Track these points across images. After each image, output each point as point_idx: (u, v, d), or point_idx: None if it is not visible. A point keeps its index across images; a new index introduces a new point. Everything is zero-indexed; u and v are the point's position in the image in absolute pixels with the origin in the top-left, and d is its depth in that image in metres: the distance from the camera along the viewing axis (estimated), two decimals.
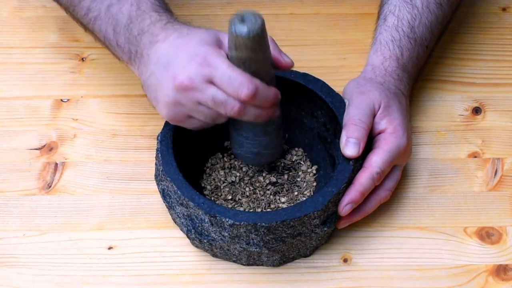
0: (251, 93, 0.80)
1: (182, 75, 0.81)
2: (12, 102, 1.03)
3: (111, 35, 0.90)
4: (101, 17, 0.91)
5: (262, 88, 0.81)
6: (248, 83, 0.80)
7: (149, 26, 0.86)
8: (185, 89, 0.81)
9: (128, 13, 0.88)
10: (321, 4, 1.13)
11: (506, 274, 0.89)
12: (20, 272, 0.89)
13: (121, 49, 0.89)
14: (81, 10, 0.93)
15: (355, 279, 0.89)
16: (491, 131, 1.01)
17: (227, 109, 0.81)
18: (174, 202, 0.86)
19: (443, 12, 0.98)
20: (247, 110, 0.82)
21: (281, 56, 0.85)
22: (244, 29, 0.77)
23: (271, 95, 0.83)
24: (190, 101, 0.82)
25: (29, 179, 0.96)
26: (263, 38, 0.79)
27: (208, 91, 0.81)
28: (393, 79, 0.93)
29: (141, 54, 0.86)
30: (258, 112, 0.83)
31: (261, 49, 0.80)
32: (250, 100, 0.81)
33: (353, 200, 0.85)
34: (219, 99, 0.81)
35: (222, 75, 0.80)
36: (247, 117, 0.83)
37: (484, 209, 0.94)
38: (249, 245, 0.84)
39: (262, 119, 0.84)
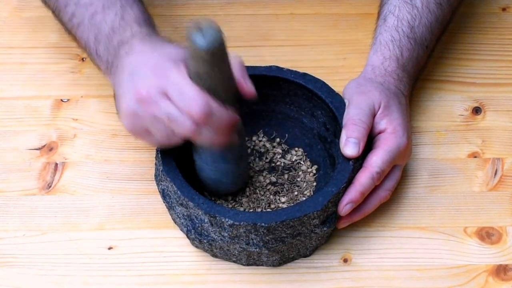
0: (202, 112, 0.77)
1: (141, 86, 0.80)
2: (12, 102, 1.03)
3: (92, 43, 0.90)
4: (84, 24, 0.90)
5: (216, 109, 0.78)
6: (201, 100, 0.77)
7: (129, 38, 0.86)
8: (142, 101, 0.80)
9: (111, 23, 0.88)
10: (321, 4, 1.13)
11: (506, 274, 0.89)
12: (20, 272, 0.89)
13: (100, 58, 0.89)
14: (66, 15, 0.93)
15: (355, 279, 0.89)
16: (491, 131, 1.01)
17: (180, 127, 0.79)
18: (174, 202, 0.86)
19: (443, 12, 0.98)
20: (200, 131, 0.79)
21: (245, 81, 0.81)
22: (202, 40, 0.74)
23: (227, 117, 0.79)
24: (147, 114, 0.80)
25: (29, 179, 0.96)
26: (221, 52, 0.76)
27: (163, 105, 0.79)
28: (393, 79, 0.93)
29: (116, 64, 0.86)
30: (213, 135, 0.80)
31: (218, 64, 0.77)
32: (202, 120, 0.77)
33: (353, 199, 0.85)
34: (173, 115, 0.78)
35: (175, 89, 0.78)
36: (200, 140, 0.80)
37: (484, 209, 0.94)
38: (249, 245, 0.84)
39: (218, 144, 0.81)
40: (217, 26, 0.74)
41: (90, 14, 0.90)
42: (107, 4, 0.89)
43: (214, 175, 0.87)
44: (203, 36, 0.74)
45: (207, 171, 0.87)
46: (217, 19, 1.09)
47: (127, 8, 0.89)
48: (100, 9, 0.89)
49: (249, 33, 1.09)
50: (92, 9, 0.90)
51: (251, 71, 0.92)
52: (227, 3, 1.12)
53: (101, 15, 0.89)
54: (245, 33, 1.09)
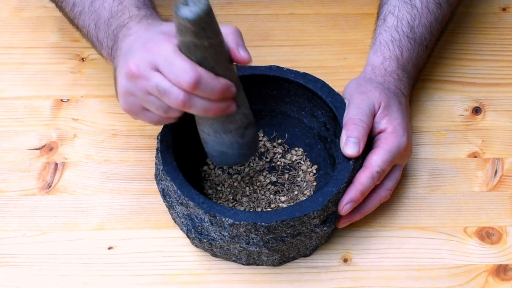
0: (192, 81, 0.75)
1: (131, 62, 0.78)
2: (12, 102, 1.03)
3: (93, 30, 0.90)
4: (85, 12, 0.90)
5: (207, 77, 0.76)
6: (190, 70, 0.75)
7: (126, 21, 0.86)
8: (133, 77, 0.79)
9: (110, 8, 0.88)
10: (321, 4, 1.13)
11: (506, 274, 0.89)
12: (20, 272, 0.89)
13: (101, 44, 0.89)
14: (68, 5, 0.93)
15: (355, 279, 0.89)
16: (491, 131, 1.01)
17: (171, 98, 0.77)
18: (174, 201, 0.86)
19: (442, 12, 0.98)
20: (192, 101, 0.77)
21: (238, 49, 0.79)
22: (186, 11, 0.73)
23: (219, 86, 0.77)
24: (140, 90, 0.79)
25: (29, 179, 0.96)
26: (207, 22, 0.74)
27: (153, 78, 0.77)
28: (393, 79, 0.93)
29: (116, 48, 0.86)
30: (206, 104, 0.78)
31: (206, 35, 0.75)
32: (192, 89, 0.76)
33: (353, 199, 0.85)
34: (163, 87, 0.77)
35: (164, 61, 0.76)
36: (194, 110, 0.78)
37: (484, 209, 0.94)
38: (249, 245, 0.84)
39: (214, 113, 0.79)
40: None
41: (90, 1, 0.90)
42: None
43: (219, 147, 0.86)
44: (189, 7, 0.73)
45: (211, 143, 0.86)
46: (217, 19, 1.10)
47: None
48: None
49: (249, 33, 1.09)
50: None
51: (251, 71, 0.92)
52: (227, 3, 1.12)
53: (100, 1, 0.89)
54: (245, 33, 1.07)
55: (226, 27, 0.79)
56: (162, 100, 0.78)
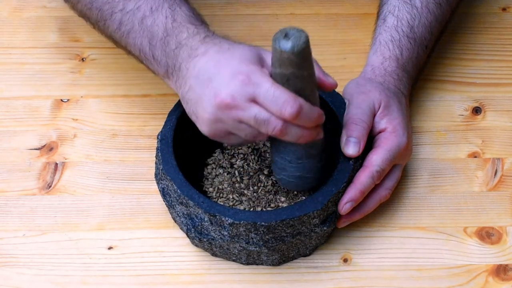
0: (295, 112, 0.78)
1: (224, 93, 0.79)
2: (12, 102, 1.03)
3: (147, 48, 0.87)
4: (135, 30, 0.88)
5: (306, 107, 0.79)
6: (292, 101, 0.78)
7: (187, 39, 0.84)
8: (226, 107, 0.80)
9: (164, 26, 0.86)
10: (321, 4, 1.13)
11: (506, 274, 0.89)
12: (20, 272, 0.89)
13: (158, 63, 0.87)
14: (113, 24, 0.90)
15: (355, 279, 0.89)
16: (491, 131, 1.01)
17: (269, 128, 0.79)
18: (174, 201, 0.86)
19: (442, 12, 0.98)
20: (289, 129, 0.80)
21: (325, 77, 0.83)
22: (289, 44, 0.75)
23: (315, 115, 0.80)
24: (231, 119, 0.81)
25: (29, 179, 0.96)
26: (307, 53, 0.77)
27: (251, 109, 0.79)
28: (393, 79, 0.93)
29: (179, 67, 0.84)
30: (301, 132, 0.81)
31: (306, 66, 0.78)
32: (294, 119, 0.78)
33: (353, 198, 0.85)
34: (262, 118, 0.79)
35: (265, 93, 0.78)
36: (289, 137, 0.81)
37: (484, 209, 0.94)
38: (249, 244, 0.84)
39: (305, 140, 0.82)
40: (301, 30, 0.76)
41: (139, 19, 0.87)
42: (154, 6, 0.87)
43: (298, 172, 0.87)
44: (289, 39, 0.75)
45: (290, 169, 0.87)
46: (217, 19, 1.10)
47: (176, 8, 0.87)
48: (149, 12, 0.87)
49: (249, 33, 1.09)
50: (140, 14, 0.87)
51: None
52: (227, 3, 1.12)
53: (151, 18, 0.87)
54: (245, 33, 1.09)
55: None
56: (259, 129, 0.80)
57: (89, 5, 0.92)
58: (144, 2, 0.87)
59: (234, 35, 1.08)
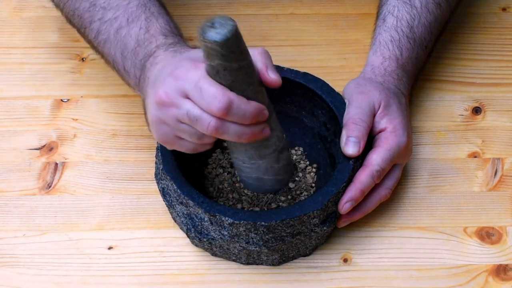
0: (222, 107, 0.73)
1: (160, 90, 0.77)
2: (12, 102, 1.03)
3: (119, 59, 0.87)
4: (110, 40, 0.88)
5: (238, 101, 0.74)
6: (220, 95, 0.73)
7: (153, 50, 0.84)
8: (163, 105, 0.77)
9: (136, 37, 0.85)
10: (321, 4, 1.13)
11: (506, 274, 0.89)
12: (20, 272, 0.89)
13: (128, 74, 0.87)
14: (91, 32, 0.90)
15: (355, 279, 0.89)
16: (491, 131, 1.01)
17: (203, 125, 0.75)
18: (174, 201, 0.86)
19: (442, 12, 0.98)
20: (225, 127, 0.75)
21: (267, 71, 0.77)
22: (212, 33, 0.70)
23: (251, 110, 0.75)
24: (171, 118, 0.77)
25: (29, 179, 0.96)
26: (235, 44, 0.72)
27: (184, 106, 0.75)
28: (393, 79, 0.93)
29: (143, 78, 0.84)
30: (240, 130, 0.76)
31: (235, 57, 0.73)
32: (224, 115, 0.74)
33: (353, 198, 0.85)
34: (194, 115, 0.75)
35: (194, 88, 0.74)
36: (228, 136, 0.76)
37: (484, 209, 0.94)
38: (249, 244, 0.84)
39: (247, 139, 0.77)
40: (229, 19, 0.71)
41: (115, 29, 0.87)
42: (131, 18, 0.86)
43: (254, 173, 0.85)
44: (215, 29, 0.71)
45: (246, 170, 0.85)
46: None
47: (152, 20, 0.86)
48: (125, 23, 0.86)
49: (249, 33, 1.08)
50: (116, 24, 0.87)
51: None
52: (227, 3, 1.12)
53: (126, 29, 0.86)
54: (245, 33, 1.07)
55: (254, 48, 0.77)
56: (194, 127, 0.77)
57: (72, 12, 0.92)
58: (122, 13, 0.87)
59: None
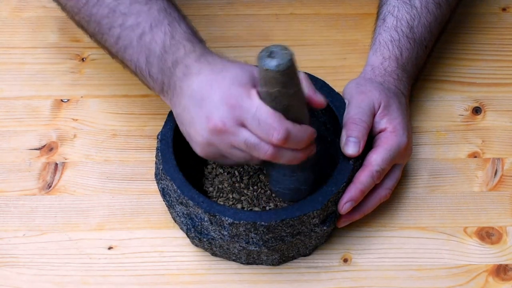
0: (282, 138, 0.77)
1: (216, 118, 0.79)
2: (12, 102, 1.03)
3: (143, 64, 0.87)
4: (133, 46, 0.87)
5: (294, 130, 0.79)
6: (279, 127, 0.77)
7: (183, 57, 0.84)
8: (218, 133, 0.80)
9: (162, 43, 0.85)
10: (321, 4, 1.13)
11: (506, 274, 0.89)
12: (20, 272, 0.89)
13: (153, 80, 0.87)
14: (111, 38, 0.89)
15: (355, 279, 0.89)
16: (491, 131, 1.01)
17: (260, 153, 0.79)
18: (173, 201, 0.86)
19: (442, 12, 0.98)
20: (281, 153, 0.80)
21: (315, 95, 0.81)
22: (273, 62, 0.74)
23: (305, 136, 0.80)
24: (224, 144, 0.81)
25: (29, 179, 0.96)
26: (293, 71, 0.76)
27: (241, 134, 0.79)
28: (393, 79, 0.93)
29: (174, 85, 0.84)
30: (293, 154, 0.80)
31: (292, 83, 0.77)
32: (283, 144, 0.78)
33: (353, 198, 0.85)
34: (252, 143, 0.79)
35: (252, 118, 0.78)
36: (282, 160, 0.81)
37: (484, 209, 0.94)
38: (249, 244, 0.84)
39: (298, 161, 0.81)
40: (285, 47, 0.75)
41: (138, 35, 0.86)
42: (154, 23, 0.86)
43: (293, 185, 0.87)
44: (275, 58, 0.74)
45: (285, 182, 0.87)
46: (217, 19, 1.10)
47: (175, 25, 0.86)
48: (148, 29, 0.86)
49: (249, 33, 1.09)
50: (139, 30, 0.86)
51: None
52: (227, 3, 1.12)
53: (150, 35, 0.86)
54: (245, 33, 1.09)
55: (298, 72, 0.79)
56: (251, 153, 0.80)
57: (88, 18, 0.90)
58: (144, 19, 0.86)
59: (234, 35, 1.09)
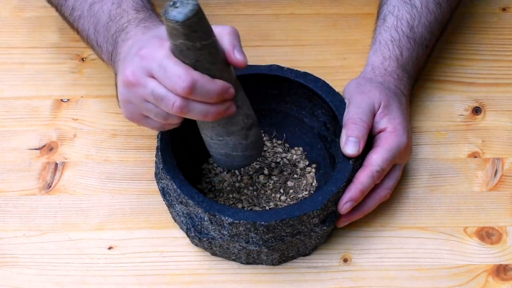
0: (187, 86, 0.73)
1: (127, 70, 0.77)
2: (12, 102, 1.03)
3: (92, 34, 0.88)
4: (84, 16, 0.89)
5: (202, 80, 0.74)
6: (184, 75, 0.74)
7: (124, 25, 0.85)
8: (130, 85, 0.77)
9: (109, 12, 0.86)
10: (321, 4, 1.13)
11: (506, 274, 0.89)
12: (20, 272, 0.89)
13: (101, 49, 0.88)
14: (67, 9, 0.92)
15: (355, 279, 0.89)
16: (491, 131, 1.01)
17: (168, 105, 0.76)
18: (173, 200, 0.86)
19: (442, 12, 0.98)
20: (191, 106, 0.76)
21: (233, 51, 0.76)
22: (173, 13, 0.71)
23: (215, 89, 0.75)
24: (137, 98, 0.78)
25: (29, 179, 0.96)
26: (197, 23, 0.72)
27: (149, 85, 0.76)
28: (393, 78, 0.93)
29: (115, 53, 0.85)
30: (205, 108, 0.76)
31: (197, 36, 0.73)
32: (188, 94, 0.74)
33: (352, 198, 0.85)
34: (158, 94, 0.75)
35: (159, 67, 0.75)
36: (193, 115, 0.77)
37: (484, 209, 0.94)
38: (249, 244, 0.84)
39: (213, 117, 0.77)
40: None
41: (89, 4, 0.88)
42: None
43: (223, 150, 0.85)
44: (177, 8, 0.71)
45: (214, 147, 0.85)
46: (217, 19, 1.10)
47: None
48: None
49: (249, 33, 1.09)
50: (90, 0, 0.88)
51: (252, 70, 0.92)
52: (227, 3, 1.12)
53: (99, 4, 0.87)
54: (245, 33, 1.08)
55: (222, 27, 0.77)
56: (159, 106, 0.77)
57: None
58: None
59: None
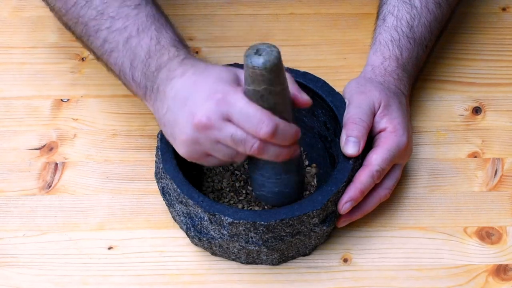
0: (270, 131, 0.78)
1: (200, 113, 0.79)
2: (12, 102, 1.03)
3: (127, 68, 0.87)
4: (119, 49, 0.87)
5: (282, 125, 0.79)
6: (267, 120, 0.78)
7: (166, 62, 0.84)
8: (203, 128, 0.80)
9: (148, 47, 0.86)
10: (321, 4, 1.13)
11: (506, 274, 0.89)
12: (20, 272, 0.89)
13: (137, 84, 0.87)
14: (97, 40, 0.89)
15: (355, 279, 0.89)
16: (491, 131, 1.01)
17: (246, 148, 0.79)
18: (173, 200, 0.86)
19: (442, 12, 0.98)
20: (267, 148, 0.80)
21: (300, 93, 0.82)
22: (260, 60, 0.75)
23: (291, 133, 0.80)
24: (209, 140, 0.80)
25: (29, 179, 0.96)
26: (280, 69, 0.77)
27: (227, 129, 0.79)
28: (393, 78, 0.93)
29: (157, 89, 0.84)
30: (279, 151, 0.80)
31: (279, 81, 0.78)
32: (270, 138, 0.78)
33: (352, 198, 0.85)
34: (238, 138, 0.79)
35: (239, 112, 0.78)
36: (267, 156, 0.81)
37: (484, 209, 0.94)
38: (248, 244, 0.84)
39: (282, 158, 0.81)
40: (272, 45, 0.76)
41: (125, 38, 0.87)
42: (141, 28, 0.86)
43: (277, 187, 0.87)
44: (262, 56, 0.75)
45: (269, 185, 0.87)
46: (217, 19, 1.10)
47: (162, 31, 0.87)
48: (135, 33, 0.86)
49: (249, 33, 1.09)
50: (126, 33, 0.87)
51: None
52: (227, 3, 1.12)
53: (136, 39, 0.86)
54: (245, 33, 1.09)
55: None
56: (236, 148, 0.80)
57: (75, 19, 0.91)
58: (132, 23, 0.87)
59: (234, 34, 1.09)
